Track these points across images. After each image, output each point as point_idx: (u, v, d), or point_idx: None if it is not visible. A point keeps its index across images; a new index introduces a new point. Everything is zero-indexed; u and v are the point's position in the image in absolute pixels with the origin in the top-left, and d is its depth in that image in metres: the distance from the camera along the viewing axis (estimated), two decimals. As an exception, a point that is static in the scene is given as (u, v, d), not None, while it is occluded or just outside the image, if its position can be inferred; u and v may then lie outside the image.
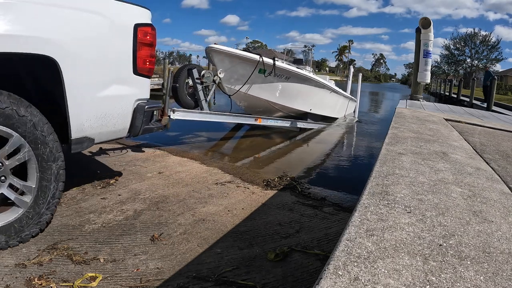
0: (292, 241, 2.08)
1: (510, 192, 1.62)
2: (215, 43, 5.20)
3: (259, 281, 1.65)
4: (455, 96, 16.68)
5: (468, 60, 50.73)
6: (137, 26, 2.12)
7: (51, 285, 1.49)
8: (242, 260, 1.82)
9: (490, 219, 1.24)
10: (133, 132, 2.29)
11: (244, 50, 6.15)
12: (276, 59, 5.80)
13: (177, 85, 5.29)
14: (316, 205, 2.74)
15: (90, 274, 1.59)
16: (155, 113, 2.62)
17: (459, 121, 4.72)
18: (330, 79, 8.88)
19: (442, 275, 0.83)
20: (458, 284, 0.80)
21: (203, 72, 5.34)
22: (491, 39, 48.94)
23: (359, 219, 1.09)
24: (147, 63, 2.23)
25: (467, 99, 13.36)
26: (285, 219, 2.40)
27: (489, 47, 48.96)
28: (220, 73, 5.23)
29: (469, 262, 0.91)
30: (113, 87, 2.07)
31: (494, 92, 10.74)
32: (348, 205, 2.80)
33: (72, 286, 1.51)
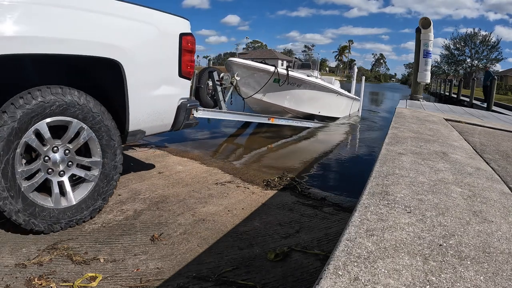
0: (292, 241, 2.08)
1: (510, 192, 1.62)
2: (234, 57, 6.27)
3: (259, 281, 1.65)
4: (455, 96, 16.68)
5: (468, 60, 50.74)
6: (181, 35, 2.44)
7: (51, 285, 1.49)
8: (242, 260, 1.82)
9: (490, 219, 1.24)
10: (176, 126, 2.60)
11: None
12: (289, 69, 6.53)
13: (201, 86, 5.84)
14: (316, 205, 2.74)
15: (90, 274, 1.59)
16: None
17: (459, 121, 4.72)
18: (336, 79, 9.57)
19: (442, 275, 0.83)
20: (458, 284, 0.80)
21: (222, 74, 5.85)
22: (491, 39, 48.96)
23: (359, 219, 1.09)
24: (189, 67, 2.54)
25: (467, 99, 13.36)
26: (285, 219, 2.40)
27: (489, 47, 48.97)
28: (236, 76, 5.84)
29: (469, 262, 0.91)
30: (163, 87, 2.39)
31: (494, 92, 10.73)
32: (348, 205, 2.80)
33: (72, 286, 1.51)
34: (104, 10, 1.99)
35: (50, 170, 1.91)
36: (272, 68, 6.07)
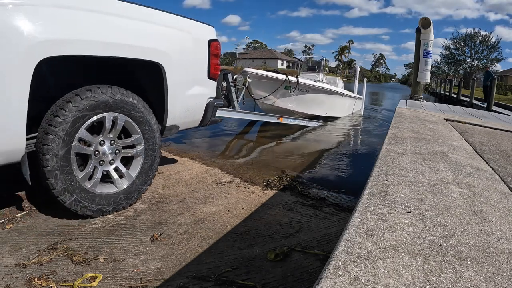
0: (292, 241, 2.08)
1: (510, 192, 1.62)
2: (249, 67, 7.16)
3: (259, 281, 1.65)
4: (455, 96, 16.67)
5: (468, 60, 50.75)
6: (210, 41, 2.73)
7: (51, 285, 1.49)
8: (242, 260, 1.82)
9: (490, 219, 1.24)
10: (203, 122, 2.88)
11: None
12: (298, 76, 7.35)
13: (218, 87, 5.92)
14: (316, 205, 2.74)
15: (90, 274, 1.59)
16: None
17: (459, 121, 4.72)
18: (340, 79, 10.27)
19: (442, 275, 0.83)
20: (458, 284, 0.80)
21: (235, 76, 6.37)
22: (491, 39, 48.96)
23: (359, 219, 1.09)
24: (215, 70, 2.82)
25: (467, 99, 13.36)
26: (285, 219, 2.40)
27: (489, 47, 48.98)
28: (249, 78, 6.54)
29: (469, 262, 0.91)
30: (195, 87, 2.67)
31: (494, 92, 10.73)
32: (348, 205, 2.80)
33: (72, 286, 1.51)
34: (149, 19, 2.29)
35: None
36: (283, 76, 6.83)
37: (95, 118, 2.06)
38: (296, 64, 10.60)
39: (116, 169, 2.26)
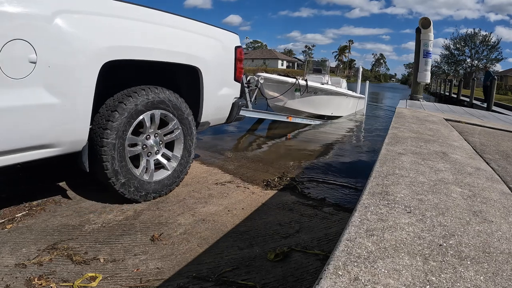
0: (292, 241, 2.08)
1: (510, 192, 1.62)
2: (263, 72, 7.82)
3: (259, 281, 1.65)
4: (455, 96, 16.67)
5: (468, 60, 50.76)
6: (236, 48, 3.06)
7: (51, 285, 1.49)
8: (242, 260, 1.82)
9: (490, 219, 1.24)
10: (229, 119, 3.21)
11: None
12: (307, 79, 8.03)
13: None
14: (316, 205, 2.74)
15: (90, 274, 1.59)
16: None
17: (459, 121, 4.72)
18: (343, 79, 10.93)
19: (442, 275, 0.83)
20: (458, 284, 0.80)
21: (249, 77, 6.92)
22: (491, 39, 48.97)
23: (359, 219, 1.09)
24: (240, 73, 3.14)
25: (467, 99, 13.35)
26: (285, 219, 2.40)
27: (489, 47, 48.98)
28: (261, 80, 7.14)
29: (469, 262, 0.91)
30: (224, 89, 2.99)
31: (494, 92, 10.73)
32: (348, 205, 2.79)
33: (72, 286, 1.51)
34: (190, 29, 2.62)
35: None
36: (293, 80, 7.53)
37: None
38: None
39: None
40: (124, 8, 2.15)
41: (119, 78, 2.38)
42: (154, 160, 2.52)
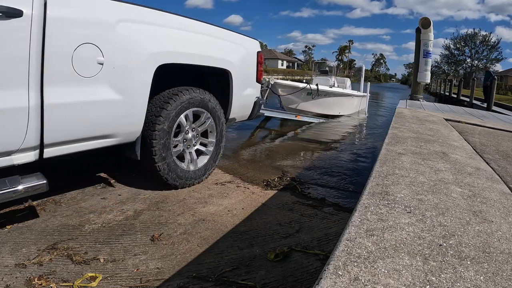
0: (292, 241, 2.08)
1: (510, 192, 1.62)
2: (277, 79, 8.87)
3: (259, 281, 1.65)
4: (455, 96, 16.66)
5: (468, 60, 50.75)
6: (258, 53, 3.41)
7: (51, 285, 1.49)
8: (242, 260, 1.82)
9: (490, 219, 1.24)
10: (251, 116, 3.58)
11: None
12: (317, 84, 8.87)
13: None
14: (316, 205, 2.74)
15: (90, 274, 1.59)
16: None
17: (459, 121, 4.72)
18: (348, 79, 11.66)
19: (442, 275, 0.83)
20: (458, 284, 0.80)
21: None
22: (491, 39, 48.96)
23: (359, 219, 1.09)
24: (260, 75, 3.49)
25: (467, 99, 13.35)
26: (285, 219, 2.40)
27: (489, 47, 48.98)
28: (271, 80, 8.05)
29: (469, 262, 0.91)
30: (248, 89, 3.35)
31: (494, 92, 10.73)
32: (348, 205, 2.79)
33: (72, 286, 1.51)
34: (221, 36, 2.97)
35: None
36: (305, 85, 8.39)
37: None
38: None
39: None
40: (174, 19, 2.50)
41: (160, 80, 2.63)
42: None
